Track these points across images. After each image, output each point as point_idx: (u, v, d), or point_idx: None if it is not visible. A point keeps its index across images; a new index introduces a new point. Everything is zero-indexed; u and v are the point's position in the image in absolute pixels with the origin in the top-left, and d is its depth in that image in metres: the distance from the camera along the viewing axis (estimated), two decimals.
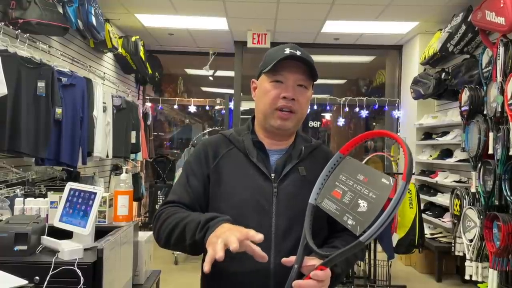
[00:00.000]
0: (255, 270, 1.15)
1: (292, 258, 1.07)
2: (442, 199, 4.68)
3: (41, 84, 3.03)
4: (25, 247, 1.54)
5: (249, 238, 0.99)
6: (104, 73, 4.92)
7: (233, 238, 0.96)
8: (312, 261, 1.05)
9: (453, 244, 3.95)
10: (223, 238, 0.97)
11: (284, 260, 1.08)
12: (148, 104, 6.46)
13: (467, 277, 3.60)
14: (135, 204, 5.76)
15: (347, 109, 5.99)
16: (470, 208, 3.69)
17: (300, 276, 1.04)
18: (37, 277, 1.44)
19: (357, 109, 5.92)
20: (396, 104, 6.00)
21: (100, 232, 1.68)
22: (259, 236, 0.99)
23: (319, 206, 1.11)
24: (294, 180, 1.23)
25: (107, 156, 4.32)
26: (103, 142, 4.11)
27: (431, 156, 5.02)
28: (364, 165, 1.12)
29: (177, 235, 1.15)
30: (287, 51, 1.22)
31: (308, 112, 1.45)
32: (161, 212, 1.23)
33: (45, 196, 2.48)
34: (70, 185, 1.73)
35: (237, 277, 1.17)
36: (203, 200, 1.26)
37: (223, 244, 0.96)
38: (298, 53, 1.22)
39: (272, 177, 1.23)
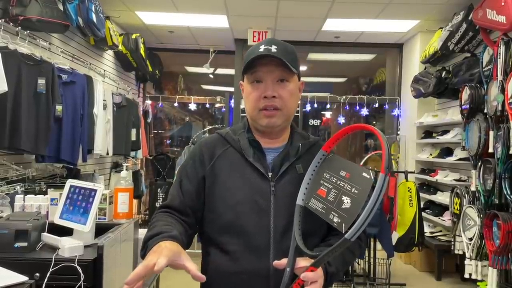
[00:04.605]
0: (255, 270, 1.15)
1: (284, 261, 1.06)
2: (442, 197, 4.69)
3: (41, 81, 3.03)
4: (25, 244, 1.55)
5: (153, 266, 0.94)
6: (105, 70, 4.91)
7: (153, 261, 0.95)
8: (304, 262, 1.05)
9: (452, 243, 3.95)
10: (146, 260, 0.97)
11: (275, 263, 1.08)
12: (148, 102, 6.45)
13: (466, 276, 3.60)
14: (135, 201, 5.75)
15: (347, 107, 5.99)
16: (470, 206, 3.69)
17: (294, 277, 1.04)
18: (37, 274, 1.45)
19: (357, 108, 5.92)
20: (397, 103, 5.99)
21: (100, 229, 1.68)
22: (156, 268, 0.94)
23: (307, 207, 1.11)
24: (291, 179, 1.21)
25: (107, 153, 4.32)
26: (103, 140, 4.11)
27: (431, 154, 5.02)
28: (346, 160, 1.11)
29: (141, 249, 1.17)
30: (261, 48, 1.19)
31: (301, 105, 1.44)
32: (152, 219, 1.23)
33: (45, 193, 2.47)
34: (70, 182, 1.74)
35: (237, 277, 1.17)
36: (196, 203, 1.24)
37: (142, 267, 0.94)
38: (273, 48, 1.19)
39: (269, 176, 1.21)
